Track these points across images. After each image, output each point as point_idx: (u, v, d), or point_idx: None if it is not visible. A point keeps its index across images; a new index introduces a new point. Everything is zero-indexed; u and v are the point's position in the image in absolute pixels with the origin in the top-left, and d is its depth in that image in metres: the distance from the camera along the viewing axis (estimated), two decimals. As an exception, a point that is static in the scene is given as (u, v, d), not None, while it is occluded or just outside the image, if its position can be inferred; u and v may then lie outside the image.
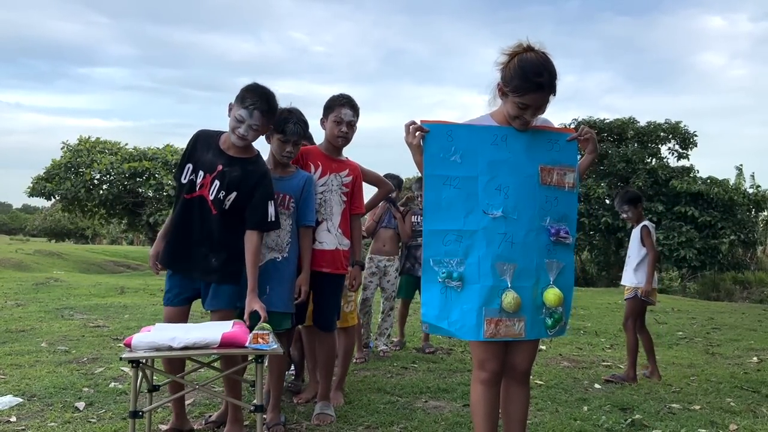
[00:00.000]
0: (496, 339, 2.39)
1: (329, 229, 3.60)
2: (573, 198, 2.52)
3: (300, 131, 3.37)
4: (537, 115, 2.45)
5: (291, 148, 3.38)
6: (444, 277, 2.38)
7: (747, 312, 10.36)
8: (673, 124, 23.26)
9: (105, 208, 22.22)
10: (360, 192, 3.76)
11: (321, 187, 3.61)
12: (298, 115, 3.38)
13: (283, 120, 3.32)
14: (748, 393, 4.44)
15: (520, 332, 2.40)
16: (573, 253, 2.52)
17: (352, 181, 3.68)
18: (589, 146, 2.53)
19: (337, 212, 3.62)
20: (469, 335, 2.40)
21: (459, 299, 2.38)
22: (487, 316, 2.36)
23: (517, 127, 2.46)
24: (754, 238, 22.47)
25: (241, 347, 2.77)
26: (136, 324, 6.63)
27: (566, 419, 3.65)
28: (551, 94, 2.39)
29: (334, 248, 3.59)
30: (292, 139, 3.35)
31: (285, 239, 3.40)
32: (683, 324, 8.38)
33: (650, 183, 22.02)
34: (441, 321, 2.40)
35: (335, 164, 3.65)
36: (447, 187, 2.41)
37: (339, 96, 3.62)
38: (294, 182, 3.44)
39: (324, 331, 3.69)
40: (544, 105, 2.41)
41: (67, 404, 3.74)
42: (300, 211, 3.44)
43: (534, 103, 2.37)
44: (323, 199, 3.60)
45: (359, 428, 3.47)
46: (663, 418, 3.75)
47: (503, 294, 2.36)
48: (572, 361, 5.52)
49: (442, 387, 4.35)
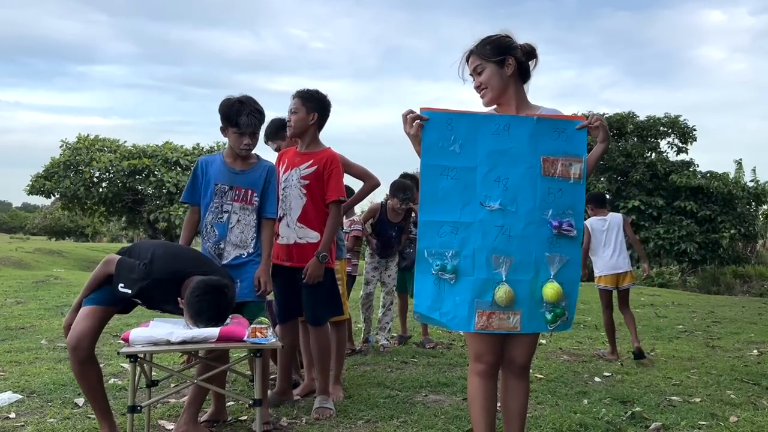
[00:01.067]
0: (489, 331, 2.37)
1: (288, 223, 3.60)
2: (579, 189, 2.42)
3: (254, 122, 3.32)
4: (482, 80, 2.48)
5: (248, 140, 3.33)
6: (438, 269, 2.35)
7: (747, 305, 10.35)
8: (673, 118, 23.25)
9: (105, 206, 22.24)
10: (333, 179, 3.59)
11: (283, 183, 3.63)
12: (251, 105, 3.32)
13: (235, 112, 3.27)
14: (748, 385, 4.44)
15: (515, 325, 2.37)
16: (579, 246, 2.45)
17: (317, 170, 3.58)
18: (601, 134, 2.44)
19: (296, 206, 3.58)
20: (460, 326, 2.39)
21: (452, 291, 2.36)
22: (479, 309, 2.34)
23: (484, 105, 2.52)
24: (755, 232, 22.48)
25: (239, 341, 2.77)
26: (135, 321, 6.61)
27: (566, 412, 3.65)
28: (479, 56, 2.48)
29: (293, 242, 3.58)
30: (247, 131, 3.31)
31: (249, 235, 3.37)
32: (684, 317, 8.38)
33: (649, 177, 22.01)
34: (432, 312, 2.38)
35: (298, 158, 3.64)
36: (444, 177, 2.37)
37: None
38: (256, 175, 3.40)
39: (312, 325, 3.67)
40: (479, 66, 2.48)
41: (66, 401, 3.74)
42: (262, 203, 3.40)
43: (471, 68, 2.51)
44: (284, 195, 3.62)
45: (359, 422, 3.46)
46: (663, 411, 3.74)
47: (496, 287, 2.34)
48: (572, 354, 5.51)
49: (441, 381, 4.35)
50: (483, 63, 2.48)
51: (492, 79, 2.48)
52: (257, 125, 3.35)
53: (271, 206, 3.42)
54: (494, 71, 2.48)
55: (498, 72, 2.48)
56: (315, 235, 3.58)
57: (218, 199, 3.36)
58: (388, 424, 3.42)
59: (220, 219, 3.35)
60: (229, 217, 3.35)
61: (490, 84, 2.48)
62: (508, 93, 2.51)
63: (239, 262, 3.34)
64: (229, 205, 3.36)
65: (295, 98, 3.64)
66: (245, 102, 3.30)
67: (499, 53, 2.47)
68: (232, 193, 3.36)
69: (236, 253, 3.35)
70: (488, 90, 2.49)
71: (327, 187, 3.59)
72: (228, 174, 3.38)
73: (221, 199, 3.36)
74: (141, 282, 2.82)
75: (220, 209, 3.36)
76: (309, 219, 3.59)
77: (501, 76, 2.48)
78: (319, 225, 3.59)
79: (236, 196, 3.36)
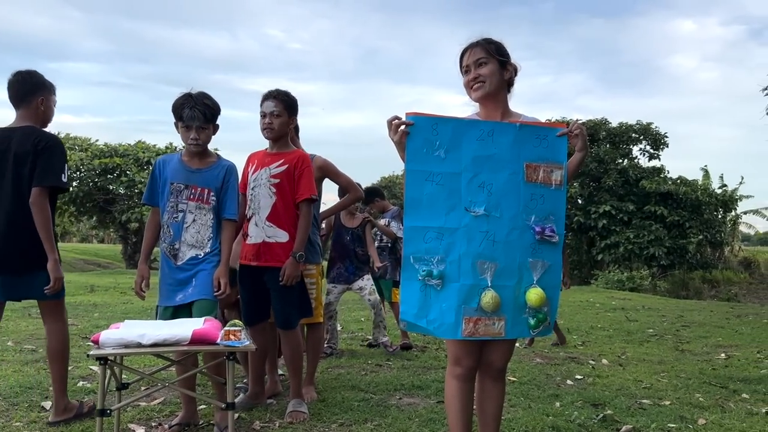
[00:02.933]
0: (476, 338, 2.37)
1: (256, 222, 3.56)
2: (560, 196, 2.45)
3: (198, 115, 3.22)
4: (483, 73, 2.47)
5: (195, 134, 3.25)
6: (424, 275, 2.34)
7: (715, 310, 10.54)
8: (645, 125, 23.67)
9: (75, 206, 21.86)
10: (304, 178, 3.53)
11: (252, 183, 3.59)
12: (199, 99, 3.25)
13: (180, 105, 3.23)
14: (716, 388, 4.51)
15: (500, 331, 2.37)
16: (560, 252, 2.47)
17: (287, 169, 3.53)
18: (579, 143, 2.47)
19: (265, 205, 3.53)
20: (448, 334, 2.37)
21: (438, 297, 2.35)
22: (466, 315, 2.33)
23: (474, 99, 2.51)
24: (722, 238, 22.94)
25: (212, 344, 2.73)
26: (105, 323, 6.52)
27: (539, 415, 3.67)
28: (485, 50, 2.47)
29: (261, 241, 3.53)
30: (193, 125, 3.23)
31: (206, 235, 3.30)
32: (654, 321, 8.50)
33: (621, 183, 22.37)
34: (419, 319, 2.36)
35: (269, 158, 3.60)
36: (429, 183, 2.36)
37: (266, 92, 3.62)
38: (213, 174, 3.33)
39: (283, 329, 3.63)
40: (483, 59, 2.47)
41: (33, 404, 3.66)
42: (221, 203, 3.33)
43: (471, 60, 2.49)
44: (253, 194, 3.57)
45: (333, 426, 3.44)
46: (634, 414, 3.78)
47: (482, 293, 2.34)
48: (545, 357, 5.56)
49: (416, 384, 4.34)
50: (488, 57, 2.48)
51: (493, 75, 2.48)
52: (203, 119, 3.24)
53: (230, 207, 3.33)
54: (496, 69, 2.49)
55: (499, 71, 2.50)
56: (284, 235, 3.53)
57: (174, 198, 3.29)
58: (362, 428, 3.41)
59: (176, 219, 3.28)
60: (184, 217, 3.27)
61: (489, 79, 2.47)
62: (499, 96, 2.53)
63: (196, 262, 3.27)
64: (185, 204, 3.28)
65: (275, 100, 3.56)
66: (193, 95, 3.24)
67: (504, 55, 2.51)
68: (187, 191, 3.28)
69: (192, 254, 3.27)
70: (486, 84, 2.48)
71: (298, 186, 3.54)
72: (184, 172, 3.31)
73: (176, 198, 3.29)
74: None
75: (176, 208, 3.28)
76: (278, 218, 3.53)
77: (500, 76, 2.50)
78: (288, 225, 3.54)
79: (192, 195, 3.28)
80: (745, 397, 4.27)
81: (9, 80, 3.33)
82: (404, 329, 2.51)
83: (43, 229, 3.15)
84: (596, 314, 9.16)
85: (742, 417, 3.76)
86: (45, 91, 3.35)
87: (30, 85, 3.31)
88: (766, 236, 41.27)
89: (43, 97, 3.33)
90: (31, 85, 3.31)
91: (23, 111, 3.31)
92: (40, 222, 3.14)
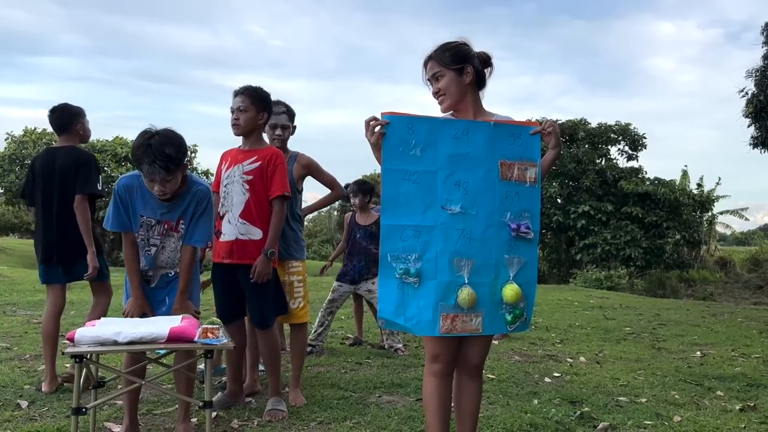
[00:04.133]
0: (453, 335, 2.38)
1: (229, 220, 3.54)
2: (535, 193, 2.48)
3: (158, 170, 2.86)
4: (441, 87, 2.50)
5: (160, 187, 2.94)
6: (402, 273, 2.35)
7: (691, 309, 10.68)
8: (623, 125, 23.89)
9: (51, 202, 21.50)
10: (278, 175, 3.51)
11: (225, 180, 3.58)
12: (157, 151, 2.85)
13: (138, 158, 2.90)
14: (691, 386, 4.57)
15: (477, 327, 2.39)
16: (536, 248, 2.50)
17: (260, 166, 3.51)
18: (552, 141, 2.49)
19: (238, 202, 3.51)
20: (425, 331, 2.38)
21: (415, 295, 2.36)
22: (443, 312, 2.34)
23: (442, 111, 2.53)
24: (699, 238, 23.23)
25: (189, 342, 2.71)
26: (82, 320, 6.42)
27: (517, 412, 3.69)
28: (439, 62, 2.50)
29: (234, 239, 3.51)
30: (156, 178, 2.90)
31: (176, 257, 3.18)
32: (631, 320, 8.59)
33: (599, 183, 22.57)
34: (397, 317, 2.37)
35: (242, 155, 3.59)
36: (405, 181, 2.37)
37: (236, 88, 3.62)
38: (183, 204, 3.13)
39: (260, 328, 3.61)
40: (439, 72, 2.50)
41: (7, 402, 3.61)
42: (188, 229, 3.16)
43: (429, 74, 2.52)
44: (226, 192, 3.56)
45: (312, 424, 3.44)
46: (611, 411, 3.82)
47: (459, 290, 2.35)
48: (523, 355, 5.59)
49: (395, 382, 4.35)
50: (442, 69, 2.50)
51: (451, 86, 2.50)
52: (165, 173, 2.89)
53: (197, 234, 3.14)
54: (453, 78, 2.50)
55: (457, 79, 2.50)
56: (258, 232, 3.51)
57: (144, 231, 3.13)
58: (341, 426, 3.40)
59: (148, 252, 3.15)
60: (156, 249, 3.17)
61: (449, 91, 2.50)
62: (465, 100, 2.54)
63: (168, 280, 3.21)
64: (157, 239, 3.15)
65: (242, 96, 3.55)
66: (152, 145, 2.85)
67: (458, 61, 2.49)
68: (159, 227, 3.14)
69: (163, 272, 3.20)
70: (447, 96, 2.51)
71: (271, 183, 3.51)
72: (155, 207, 3.11)
73: (147, 233, 3.13)
74: None
75: (147, 242, 3.15)
76: (251, 215, 3.51)
77: (460, 84, 2.51)
78: (262, 222, 3.52)
79: (164, 230, 3.15)
80: (720, 394, 4.33)
81: (49, 115, 4.15)
82: (382, 327, 2.52)
83: (84, 227, 3.92)
84: (574, 313, 9.24)
85: (716, 414, 3.82)
86: (80, 117, 4.17)
87: (67, 116, 4.13)
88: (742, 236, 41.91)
89: (80, 123, 4.16)
90: (68, 116, 4.14)
91: (66, 136, 4.15)
92: (81, 222, 3.92)
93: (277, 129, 3.94)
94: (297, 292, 3.89)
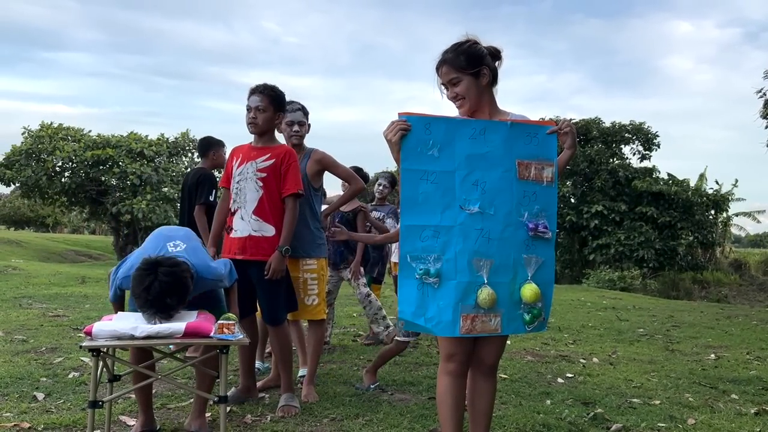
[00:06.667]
0: (473, 335, 2.38)
1: (242, 216, 3.56)
2: (552, 192, 2.48)
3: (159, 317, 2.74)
4: (459, 92, 2.49)
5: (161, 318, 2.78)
6: (422, 273, 2.34)
7: (705, 311, 10.60)
8: (637, 124, 23.69)
9: (67, 197, 21.67)
10: (291, 172, 3.54)
11: (237, 176, 3.60)
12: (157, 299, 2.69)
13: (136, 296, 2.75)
14: (705, 389, 4.54)
15: (497, 328, 2.39)
16: (553, 248, 2.49)
17: (274, 164, 3.54)
18: (568, 141, 2.48)
19: (252, 199, 3.53)
20: (446, 332, 2.37)
21: (435, 295, 2.35)
22: (463, 312, 2.34)
23: (461, 115, 2.52)
24: (713, 239, 23.02)
25: (206, 337, 2.73)
26: (97, 314, 6.49)
27: (530, 413, 3.69)
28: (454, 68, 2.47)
29: (247, 235, 3.53)
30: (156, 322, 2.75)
31: None
32: (644, 321, 8.54)
33: (612, 183, 22.43)
34: (417, 318, 2.36)
35: (255, 152, 3.60)
36: (424, 182, 2.36)
37: (253, 86, 3.62)
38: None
39: (271, 325, 3.63)
40: (455, 78, 2.48)
41: (24, 394, 3.65)
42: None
43: (445, 79, 2.51)
44: (239, 188, 3.58)
45: (324, 420, 3.45)
46: (624, 413, 3.80)
47: (479, 290, 2.34)
48: (536, 355, 5.58)
49: (407, 380, 4.35)
50: (459, 75, 2.48)
51: (470, 91, 2.49)
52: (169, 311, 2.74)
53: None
54: (471, 83, 2.48)
55: (475, 83, 2.49)
56: (271, 229, 3.53)
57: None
58: (353, 423, 3.41)
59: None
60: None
61: (468, 95, 2.49)
62: (483, 101, 2.54)
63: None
64: None
65: (261, 95, 3.56)
66: (152, 298, 2.67)
67: (474, 64, 2.48)
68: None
69: None
70: (466, 101, 2.50)
71: (284, 181, 3.54)
72: None
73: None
74: None
75: None
76: (265, 212, 3.53)
77: (478, 87, 2.50)
78: (275, 219, 3.54)
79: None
80: (735, 397, 4.30)
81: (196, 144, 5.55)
82: (402, 328, 2.52)
83: (202, 232, 4.68)
84: (587, 313, 9.19)
85: (731, 417, 3.79)
86: (214, 147, 5.34)
87: (203, 146, 5.42)
88: (757, 238, 41.51)
89: (213, 151, 5.34)
90: (205, 146, 5.40)
91: (203, 160, 5.41)
92: (200, 227, 4.80)
93: (294, 126, 3.94)
94: (311, 289, 3.90)
